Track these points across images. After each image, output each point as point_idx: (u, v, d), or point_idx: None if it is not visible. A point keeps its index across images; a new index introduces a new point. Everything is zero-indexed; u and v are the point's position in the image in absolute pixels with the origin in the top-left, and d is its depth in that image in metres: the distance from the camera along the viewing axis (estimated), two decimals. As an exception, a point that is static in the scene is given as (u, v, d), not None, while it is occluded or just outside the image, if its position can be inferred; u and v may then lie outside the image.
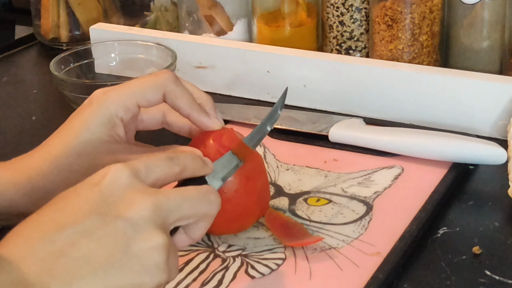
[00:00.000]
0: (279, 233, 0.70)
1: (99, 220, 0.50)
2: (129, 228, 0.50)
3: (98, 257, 0.49)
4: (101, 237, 0.50)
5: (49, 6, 1.18)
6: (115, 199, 0.51)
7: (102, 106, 0.65)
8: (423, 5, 0.94)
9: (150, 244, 0.51)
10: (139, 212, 0.51)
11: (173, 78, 0.66)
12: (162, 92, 0.65)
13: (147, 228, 0.51)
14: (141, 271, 0.50)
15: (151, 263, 0.50)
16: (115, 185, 0.52)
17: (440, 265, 0.67)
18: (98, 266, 0.49)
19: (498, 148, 0.78)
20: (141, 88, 0.66)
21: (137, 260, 0.50)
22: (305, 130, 0.88)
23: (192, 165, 0.58)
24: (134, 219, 0.51)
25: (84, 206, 0.51)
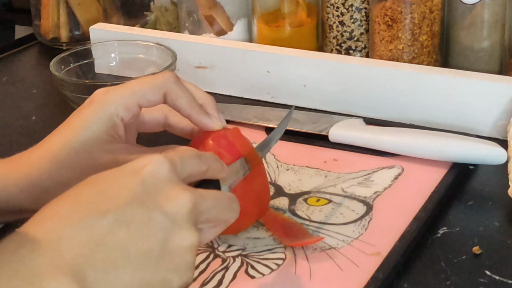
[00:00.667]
0: (279, 233, 0.70)
1: (140, 210, 0.50)
2: (168, 223, 0.50)
3: (137, 249, 0.49)
4: (141, 229, 0.49)
5: (49, 6, 1.18)
6: (156, 191, 0.51)
7: (102, 106, 0.65)
8: (423, 5, 0.94)
9: (186, 243, 0.51)
10: (179, 207, 0.51)
11: (174, 78, 0.66)
12: (162, 92, 0.65)
13: (185, 226, 0.51)
14: (174, 269, 0.50)
15: (183, 262, 0.50)
16: (156, 177, 0.52)
17: (440, 265, 0.67)
18: (135, 258, 0.49)
19: (498, 148, 0.78)
20: (141, 88, 0.66)
21: (172, 257, 0.50)
22: (305, 130, 0.88)
23: (215, 167, 0.58)
24: (174, 214, 0.51)
25: (126, 193, 0.50)
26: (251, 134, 0.88)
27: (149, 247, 0.49)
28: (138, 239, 0.49)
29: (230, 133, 0.68)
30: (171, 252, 0.50)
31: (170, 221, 0.50)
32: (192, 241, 0.51)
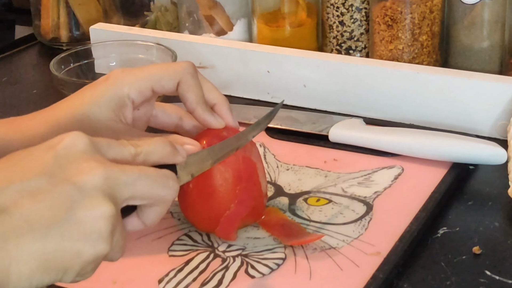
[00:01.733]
0: (278, 233, 0.70)
1: (47, 181, 0.49)
2: (76, 192, 0.49)
3: (39, 218, 0.48)
4: (45, 199, 0.48)
5: (49, 6, 1.18)
6: (67, 162, 0.50)
7: (116, 84, 0.65)
8: (423, 5, 0.94)
9: (96, 212, 0.49)
10: (90, 178, 0.50)
11: (192, 69, 0.67)
12: (177, 81, 0.66)
13: (95, 196, 0.49)
14: (82, 237, 0.49)
15: (94, 231, 0.49)
16: (71, 149, 0.51)
17: (440, 265, 0.67)
18: (37, 227, 0.47)
19: (498, 148, 0.78)
20: (158, 73, 0.66)
21: (80, 226, 0.49)
22: (305, 130, 0.88)
23: (158, 151, 0.57)
24: (83, 184, 0.49)
25: (34, 166, 0.50)
26: (251, 134, 0.88)
27: (53, 215, 0.48)
28: (41, 209, 0.48)
29: (229, 133, 0.69)
30: (78, 220, 0.49)
31: (79, 191, 0.49)
32: (104, 211, 0.49)
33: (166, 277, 0.66)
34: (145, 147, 0.56)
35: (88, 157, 0.51)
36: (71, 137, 0.51)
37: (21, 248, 0.47)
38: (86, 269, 0.50)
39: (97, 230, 0.49)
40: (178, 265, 0.67)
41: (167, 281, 0.66)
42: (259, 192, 0.69)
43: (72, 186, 0.49)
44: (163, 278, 0.66)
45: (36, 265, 0.47)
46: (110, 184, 0.51)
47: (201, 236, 0.71)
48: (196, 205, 0.68)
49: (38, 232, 0.48)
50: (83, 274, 0.50)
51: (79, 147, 0.51)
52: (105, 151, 0.53)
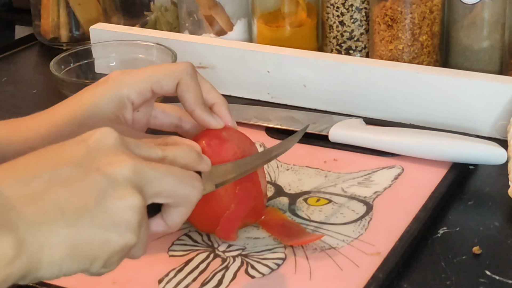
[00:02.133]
0: (279, 233, 0.70)
1: (78, 171, 0.49)
2: (107, 182, 0.50)
3: (70, 205, 0.48)
4: (77, 187, 0.49)
5: (49, 6, 1.18)
6: (98, 154, 0.51)
7: (116, 86, 0.65)
8: (423, 5, 0.94)
9: (125, 202, 0.50)
10: (120, 170, 0.50)
11: (191, 70, 0.67)
12: (176, 81, 0.66)
13: (125, 187, 0.50)
14: (111, 226, 0.49)
15: (122, 221, 0.49)
16: (102, 142, 0.51)
17: (440, 265, 0.67)
18: (68, 213, 0.48)
19: (498, 148, 0.78)
20: (157, 74, 0.66)
21: (109, 215, 0.49)
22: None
23: (184, 157, 0.57)
24: (114, 175, 0.50)
25: (66, 157, 0.50)
26: (251, 134, 0.88)
27: (83, 204, 0.48)
28: (72, 196, 0.48)
29: (228, 134, 0.69)
30: (108, 209, 0.49)
31: (108, 181, 0.50)
32: (134, 202, 0.50)
33: (166, 277, 0.66)
34: (171, 152, 0.56)
35: (118, 151, 0.52)
36: (103, 132, 0.52)
37: (53, 233, 0.47)
38: (112, 259, 0.50)
39: (126, 220, 0.50)
40: (178, 265, 0.67)
41: (167, 281, 0.66)
42: (259, 192, 0.69)
43: (102, 176, 0.50)
44: (163, 278, 0.66)
45: (66, 251, 0.48)
46: (139, 177, 0.51)
47: (201, 236, 0.71)
48: (196, 205, 0.68)
49: (69, 219, 0.48)
50: (109, 265, 0.50)
51: (110, 141, 0.52)
52: (133, 149, 0.53)
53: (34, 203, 0.48)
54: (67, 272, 0.49)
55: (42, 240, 0.47)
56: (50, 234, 0.47)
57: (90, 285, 0.65)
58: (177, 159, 0.57)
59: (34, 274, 0.47)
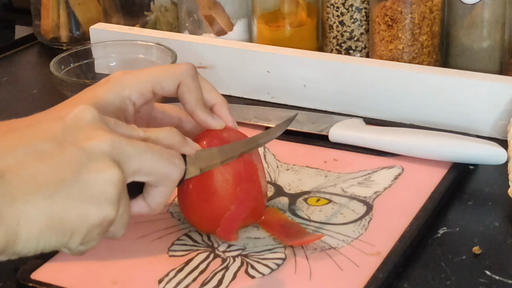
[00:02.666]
0: (279, 233, 0.70)
1: (55, 146, 0.49)
2: (84, 156, 0.49)
3: (47, 178, 0.48)
4: (53, 160, 0.49)
5: (49, 6, 1.18)
6: (76, 130, 0.51)
7: (117, 87, 0.65)
8: (423, 5, 0.94)
9: (104, 175, 0.49)
10: (98, 144, 0.50)
11: (192, 71, 0.67)
12: (178, 82, 0.66)
13: (103, 160, 0.50)
14: (89, 199, 0.49)
15: (101, 194, 0.49)
16: (80, 119, 0.51)
17: (440, 265, 0.67)
18: (45, 186, 0.48)
19: (498, 148, 0.78)
20: (159, 75, 0.66)
21: (87, 188, 0.49)
22: (305, 130, 0.88)
23: (167, 138, 0.57)
24: (91, 149, 0.50)
25: (42, 133, 0.50)
26: (251, 134, 0.88)
27: (60, 176, 0.48)
28: (49, 169, 0.48)
29: (229, 134, 0.69)
30: (86, 182, 0.49)
31: (86, 155, 0.49)
32: (111, 174, 0.50)
33: (166, 277, 0.66)
34: (154, 133, 0.56)
35: (96, 126, 0.51)
36: (80, 108, 0.52)
37: (30, 205, 0.47)
38: (91, 234, 0.50)
39: (104, 193, 0.49)
40: (178, 265, 0.67)
41: (167, 281, 0.66)
42: (259, 193, 0.69)
43: (80, 150, 0.49)
44: (163, 278, 0.66)
45: (44, 223, 0.47)
46: (117, 152, 0.51)
47: (201, 236, 0.71)
48: (196, 205, 0.68)
49: (45, 191, 0.48)
50: (88, 241, 0.50)
51: (88, 117, 0.52)
52: (113, 127, 0.53)
53: (10, 176, 0.47)
54: (46, 246, 0.48)
55: (19, 212, 0.47)
56: (27, 206, 0.47)
57: (90, 285, 0.65)
58: (160, 140, 0.56)
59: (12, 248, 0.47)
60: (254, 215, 0.70)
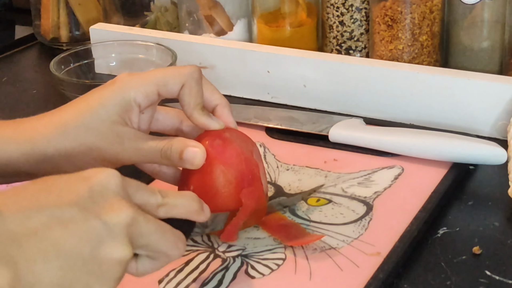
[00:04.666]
0: (279, 234, 0.70)
1: (80, 214, 0.50)
2: (104, 231, 0.50)
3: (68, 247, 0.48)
4: (76, 230, 0.49)
5: (49, 6, 1.18)
6: (101, 199, 0.51)
7: (123, 88, 0.66)
8: (423, 5, 0.94)
9: (117, 255, 0.50)
10: (119, 219, 0.51)
11: (197, 74, 0.67)
12: (182, 84, 0.66)
13: (120, 239, 0.50)
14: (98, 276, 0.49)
15: (109, 272, 0.50)
16: (105, 186, 0.52)
17: (440, 265, 0.67)
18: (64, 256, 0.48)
19: (498, 148, 0.78)
20: (164, 77, 0.67)
21: (100, 265, 0.49)
22: (305, 130, 0.88)
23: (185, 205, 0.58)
24: (112, 224, 0.50)
25: (68, 195, 0.50)
26: (251, 134, 0.88)
27: (80, 249, 0.49)
28: (71, 239, 0.49)
29: (231, 134, 0.69)
30: (100, 259, 0.49)
31: (106, 230, 0.50)
32: (123, 255, 0.50)
33: (166, 278, 0.66)
34: (171, 199, 0.57)
35: (119, 198, 0.52)
36: (106, 174, 0.52)
37: (47, 273, 0.47)
38: None
39: (113, 273, 0.50)
40: (178, 265, 0.67)
41: (167, 282, 0.66)
42: (261, 195, 0.69)
43: (101, 223, 0.50)
44: (163, 278, 0.66)
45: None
46: (133, 229, 0.52)
47: (201, 237, 0.71)
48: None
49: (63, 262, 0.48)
50: None
51: (113, 185, 0.52)
52: (133, 193, 0.54)
53: (35, 239, 0.48)
54: None
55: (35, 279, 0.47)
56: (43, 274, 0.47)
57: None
58: (177, 206, 0.57)
59: None
60: (256, 216, 0.70)
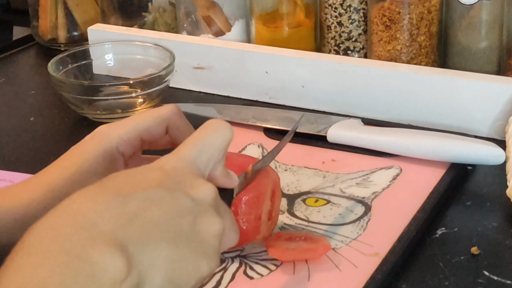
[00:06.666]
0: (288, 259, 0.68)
1: (166, 193, 0.50)
2: (195, 207, 0.50)
3: (169, 226, 0.48)
4: (170, 208, 0.49)
5: (47, 7, 1.18)
6: (180, 179, 0.51)
7: (104, 140, 0.65)
8: (421, 5, 0.94)
9: (213, 229, 0.50)
10: (205, 194, 0.51)
11: (177, 111, 0.66)
12: (165, 125, 0.65)
13: (211, 212, 0.51)
14: (202, 253, 0.49)
15: (211, 247, 0.50)
16: (179, 167, 0.52)
17: (438, 265, 0.67)
18: (169, 235, 0.48)
19: (496, 149, 0.78)
20: (144, 121, 0.65)
21: (201, 241, 0.49)
22: (303, 130, 0.88)
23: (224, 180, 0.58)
24: (200, 199, 0.51)
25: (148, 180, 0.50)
26: (249, 134, 0.88)
27: (180, 226, 0.49)
28: (169, 218, 0.48)
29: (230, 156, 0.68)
30: (199, 235, 0.49)
31: (197, 206, 0.50)
32: (218, 228, 0.50)
33: (164, 278, 0.66)
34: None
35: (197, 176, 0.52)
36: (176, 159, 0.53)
37: (159, 253, 0.47)
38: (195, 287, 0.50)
39: (213, 247, 0.50)
40: (176, 266, 0.67)
41: (166, 282, 0.65)
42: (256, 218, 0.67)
43: (190, 199, 0.50)
44: (162, 279, 0.66)
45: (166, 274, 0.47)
46: (217, 203, 0.52)
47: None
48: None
49: (170, 239, 0.48)
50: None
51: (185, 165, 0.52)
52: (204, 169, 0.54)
53: (137, 223, 0.47)
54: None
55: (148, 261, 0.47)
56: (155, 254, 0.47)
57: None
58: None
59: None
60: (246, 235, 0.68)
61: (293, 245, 0.68)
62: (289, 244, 0.68)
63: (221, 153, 0.56)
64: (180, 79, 1.03)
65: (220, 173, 0.57)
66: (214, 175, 0.56)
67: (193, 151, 0.54)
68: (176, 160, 0.53)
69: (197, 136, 0.56)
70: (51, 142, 0.93)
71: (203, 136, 0.55)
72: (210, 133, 0.55)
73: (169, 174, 0.51)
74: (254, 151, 0.85)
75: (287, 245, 0.68)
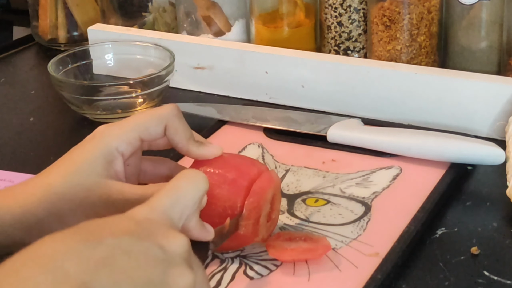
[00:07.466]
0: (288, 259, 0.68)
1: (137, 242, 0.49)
2: (166, 258, 0.49)
3: (138, 275, 0.47)
4: (139, 257, 0.48)
5: (47, 7, 1.18)
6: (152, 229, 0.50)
7: (103, 140, 0.64)
8: (421, 5, 0.94)
9: (184, 282, 0.49)
10: (177, 246, 0.50)
11: (176, 111, 0.66)
12: (164, 125, 0.65)
13: (183, 264, 0.50)
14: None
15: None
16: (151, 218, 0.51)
17: (438, 265, 0.67)
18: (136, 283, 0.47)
19: (496, 149, 0.78)
20: (143, 121, 0.65)
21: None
22: (303, 130, 0.88)
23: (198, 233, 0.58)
24: (171, 251, 0.50)
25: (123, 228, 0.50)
26: (249, 134, 0.88)
27: (150, 277, 0.48)
28: (138, 267, 0.48)
29: (228, 158, 0.68)
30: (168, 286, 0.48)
31: (167, 257, 0.49)
32: (189, 281, 0.49)
33: (164, 278, 0.66)
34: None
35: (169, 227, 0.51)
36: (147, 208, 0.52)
37: None
38: None
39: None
40: (176, 266, 0.67)
41: (166, 282, 0.65)
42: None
43: (161, 250, 0.49)
44: (162, 279, 0.66)
45: None
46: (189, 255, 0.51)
47: (199, 237, 0.71)
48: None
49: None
50: None
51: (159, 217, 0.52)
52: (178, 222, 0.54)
53: (106, 268, 0.46)
54: None
55: None
56: None
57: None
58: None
59: None
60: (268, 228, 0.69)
61: (293, 245, 0.68)
62: (289, 244, 0.68)
63: (195, 205, 0.55)
64: (180, 79, 1.03)
65: (194, 225, 0.56)
66: (188, 226, 0.56)
67: (167, 202, 0.53)
68: (149, 210, 0.52)
69: (171, 186, 0.55)
70: (51, 142, 0.93)
71: (177, 186, 0.55)
72: (184, 184, 0.55)
73: (141, 224, 0.50)
74: (254, 151, 0.85)
75: (287, 245, 0.68)
